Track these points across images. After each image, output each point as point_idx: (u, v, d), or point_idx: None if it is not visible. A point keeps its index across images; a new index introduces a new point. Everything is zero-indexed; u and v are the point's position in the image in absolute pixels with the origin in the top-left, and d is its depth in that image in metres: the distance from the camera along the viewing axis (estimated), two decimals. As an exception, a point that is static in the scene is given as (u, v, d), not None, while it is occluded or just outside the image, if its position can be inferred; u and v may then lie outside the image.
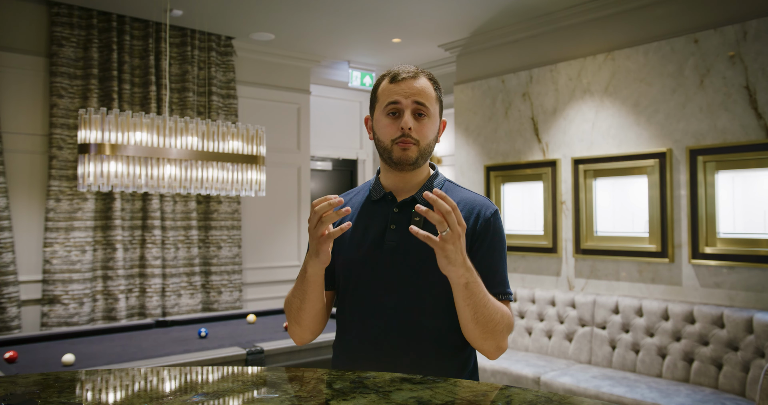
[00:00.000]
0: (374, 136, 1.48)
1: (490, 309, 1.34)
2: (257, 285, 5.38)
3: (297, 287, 1.42)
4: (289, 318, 1.48)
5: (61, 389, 1.19)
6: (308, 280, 1.38)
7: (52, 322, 4.19)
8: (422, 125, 1.42)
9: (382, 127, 1.44)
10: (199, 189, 3.51)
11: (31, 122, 4.30)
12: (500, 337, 1.37)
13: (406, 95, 1.41)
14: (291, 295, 1.46)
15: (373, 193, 1.52)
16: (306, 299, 1.41)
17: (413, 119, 1.41)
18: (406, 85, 1.42)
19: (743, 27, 3.58)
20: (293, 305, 1.45)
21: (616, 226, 4.20)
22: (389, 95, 1.43)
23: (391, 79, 1.45)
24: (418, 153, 1.42)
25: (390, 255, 1.42)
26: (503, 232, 1.49)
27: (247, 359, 2.91)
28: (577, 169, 4.36)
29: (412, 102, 1.41)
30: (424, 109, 1.42)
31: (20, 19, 4.29)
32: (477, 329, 1.35)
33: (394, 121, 1.42)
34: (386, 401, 1.06)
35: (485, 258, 1.43)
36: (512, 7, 4.41)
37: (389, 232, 1.44)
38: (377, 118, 1.46)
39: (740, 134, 3.58)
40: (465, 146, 5.21)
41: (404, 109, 1.41)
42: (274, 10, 4.49)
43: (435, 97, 1.46)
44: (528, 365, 3.94)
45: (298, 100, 5.69)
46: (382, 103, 1.45)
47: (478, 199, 1.49)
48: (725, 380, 3.37)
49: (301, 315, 1.44)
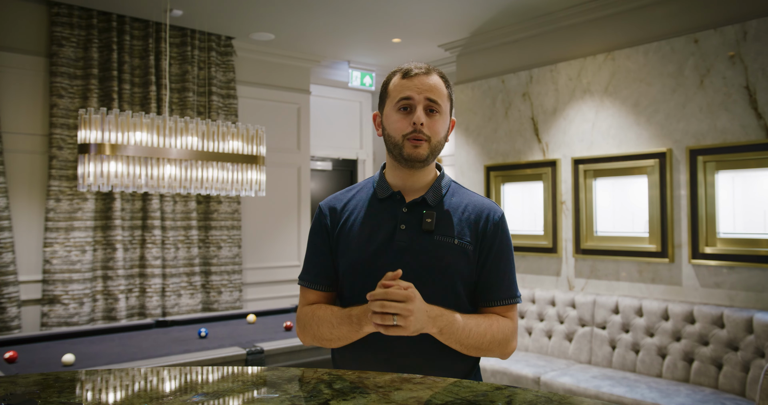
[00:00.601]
0: (384, 132, 1.46)
1: (474, 338, 1.37)
2: (257, 285, 5.38)
3: (340, 328, 1.39)
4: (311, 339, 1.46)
5: (61, 389, 1.19)
6: (358, 334, 1.37)
7: (52, 322, 4.19)
8: (434, 122, 1.41)
9: (393, 123, 1.42)
10: (199, 189, 3.51)
11: (31, 122, 4.30)
12: (498, 349, 1.41)
13: (418, 91, 1.39)
14: (325, 326, 1.42)
15: (378, 191, 1.48)
16: (343, 339, 1.40)
17: (425, 115, 1.40)
18: (418, 81, 1.41)
19: (743, 27, 3.58)
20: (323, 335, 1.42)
21: (616, 226, 4.20)
22: (401, 90, 1.41)
23: (403, 74, 1.43)
24: (429, 150, 1.41)
25: (400, 255, 1.40)
26: (510, 236, 1.49)
27: (247, 359, 2.91)
28: (577, 169, 4.36)
29: (425, 98, 1.39)
30: (436, 106, 1.41)
31: (20, 19, 4.29)
32: (472, 353, 1.41)
33: (405, 116, 1.40)
34: (386, 401, 1.06)
35: (494, 263, 1.43)
36: (512, 7, 4.41)
37: (399, 232, 1.41)
38: (387, 113, 1.44)
39: (740, 134, 3.58)
40: (465, 146, 5.21)
41: (416, 104, 1.39)
42: (274, 10, 4.49)
43: (446, 94, 1.44)
44: (528, 365, 3.94)
45: (298, 100, 5.69)
46: (393, 98, 1.42)
47: (486, 203, 1.49)
48: (725, 380, 3.37)
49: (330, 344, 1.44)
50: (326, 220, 1.50)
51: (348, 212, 1.49)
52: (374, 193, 1.49)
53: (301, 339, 1.50)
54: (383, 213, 1.45)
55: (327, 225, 1.49)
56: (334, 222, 1.49)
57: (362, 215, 1.47)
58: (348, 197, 1.53)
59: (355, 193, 1.54)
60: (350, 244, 1.44)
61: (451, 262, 1.38)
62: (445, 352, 1.41)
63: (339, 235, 1.47)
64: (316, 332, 1.44)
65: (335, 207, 1.51)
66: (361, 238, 1.44)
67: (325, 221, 1.50)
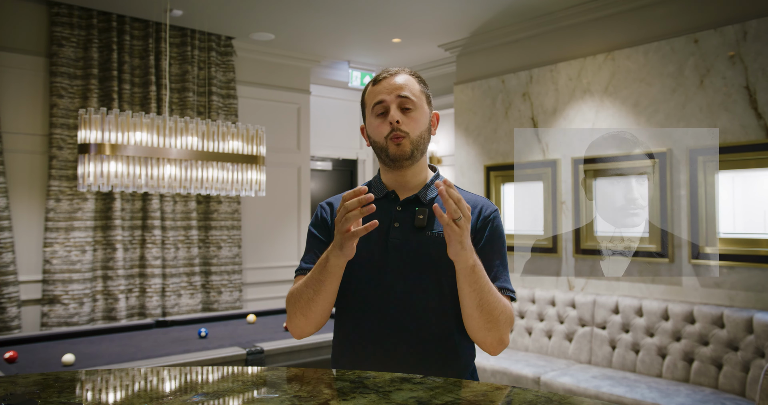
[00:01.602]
0: (370, 140, 1.50)
1: (494, 295, 1.36)
2: (257, 285, 5.38)
3: (313, 278, 1.38)
4: (295, 310, 1.43)
5: (61, 389, 1.19)
6: (329, 270, 1.35)
7: (52, 322, 4.19)
8: (410, 118, 1.44)
9: (373, 129, 1.47)
10: (199, 189, 3.51)
11: (31, 122, 4.30)
12: (503, 328, 1.38)
13: (388, 92, 1.44)
14: (302, 286, 1.41)
15: (374, 191, 1.52)
16: (321, 290, 1.38)
17: (400, 113, 1.44)
18: (386, 83, 1.46)
19: (743, 27, 3.58)
20: (303, 296, 1.40)
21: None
22: (374, 96, 1.47)
23: (373, 82, 1.50)
24: (412, 146, 1.44)
25: (394, 253, 1.42)
26: (503, 232, 1.50)
27: (247, 359, 2.91)
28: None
29: (396, 97, 1.44)
30: (409, 102, 1.44)
31: (20, 19, 4.29)
32: (481, 318, 1.35)
33: (383, 119, 1.45)
34: (386, 401, 1.06)
35: (486, 256, 1.43)
36: (512, 7, 4.41)
37: (393, 229, 1.45)
38: (368, 121, 1.49)
39: (740, 134, 3.58)
40: (465, 146, 5.21)
41: (389, 104, 1.44)
42: (274, 10, 4.49)
43: (419, 89, 1.48)
44: (528, 365, 3.94)
45: (298, 100, 5.69)
46: (369, 106, 1.48)
47: (479, 199, 1.51)
48: (725, 380, 3.37)
49: (311, 306, 1.40)
50: (326, 215, 1.54)
51: None
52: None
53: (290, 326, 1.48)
54: (378, 212, 1.47)
55: (327, 219, 1.53)
56: (333, 219, 1.52)
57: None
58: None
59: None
60: None
61: (443, 256, 1.38)
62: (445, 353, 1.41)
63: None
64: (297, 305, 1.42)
65: (334, 204, 1.55)
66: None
67: (325, 215, 1.54)
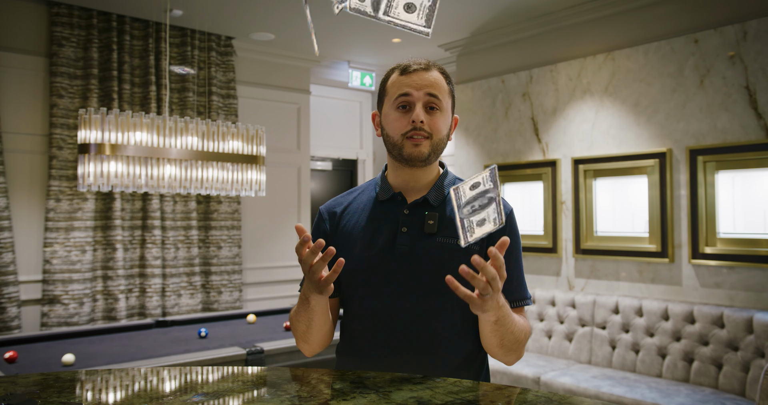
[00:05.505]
0: (383, 132, 1.40)
1: (516, 333, 1.28)
2: (257, 285, 5.38)
3: (300, 313, 1.34)
4: (296, 337, 1.41)
5: (61, 389, 1.19)
6: (313, 309, 1.31)
7: (52, 322, 4.19)
8: (435, 119, 1.34)
9: (391, 122, 1.36)
10: (199, 189, 3.51)
11: (31, 122, 4.30)
12: (522, 348, 1.34)
13: (417, 87, 1.33)
14: (295, 318, 1.37)
15: (380, 192, 1.43)
16: (312, 325, 1.35)
17: (425, 112, 1.34)
18: (417, 77, 1.34)
19: (743, 27, 3.58)
20: (299, 327, 1.37)
21: (616, 226, 4.20)
22: (400, 87, 1.35)
23: (401, 71, 1.37)
24: (431, 148, 1.34)
25: (402, 260, 1.34)
26: (519, 233, 1.41)
27: (247, 359, 2.91)
28: (577, 169, 4.36)
29: (425, 94, 1.33)
30: (436, 102, 1.34)
31: (20, 19, 4.29)
32: (501, 351, 1.31)
33: (404, 114, 1.34)
34: (386, 401, 1.06)
35: None
36: (512, 7, 4.41)
37: (400, 235, 1.35)
38: (386, 112, 1.38)
39: (740, 134, 3.58)
40: (465, 146, 5.21)
41: (415, 101, 1.33)
42: (274, 10, 4.49)
43: (448, 90, 1.38)
44: (528, 365, 3.94)
45: (298, 100, 5.69)
46: (391, 96, 1.37)
47: None
48: (725, 380, 3.37)
49: (308, 337, 1.38)
50: (325, 224, 1.45)
51: (348, 216, 1.44)
52: (376, 196, 1.44)
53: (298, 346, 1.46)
54: (384, 216, 1.40)
55: (326, 229, 1.45)
56: (334, 226, 1.44)
57: (363, 219, 1.41)
58: (349, 200, 1.48)
59: (357, 195, 1.49)
60: (350, 249, 1.38)
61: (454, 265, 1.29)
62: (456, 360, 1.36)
63: (339, 239, 1.41)
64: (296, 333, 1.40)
65: (335, 211, 1.46)
66: (362, 243, 1.38)
67: (324, 226, 1.46)
